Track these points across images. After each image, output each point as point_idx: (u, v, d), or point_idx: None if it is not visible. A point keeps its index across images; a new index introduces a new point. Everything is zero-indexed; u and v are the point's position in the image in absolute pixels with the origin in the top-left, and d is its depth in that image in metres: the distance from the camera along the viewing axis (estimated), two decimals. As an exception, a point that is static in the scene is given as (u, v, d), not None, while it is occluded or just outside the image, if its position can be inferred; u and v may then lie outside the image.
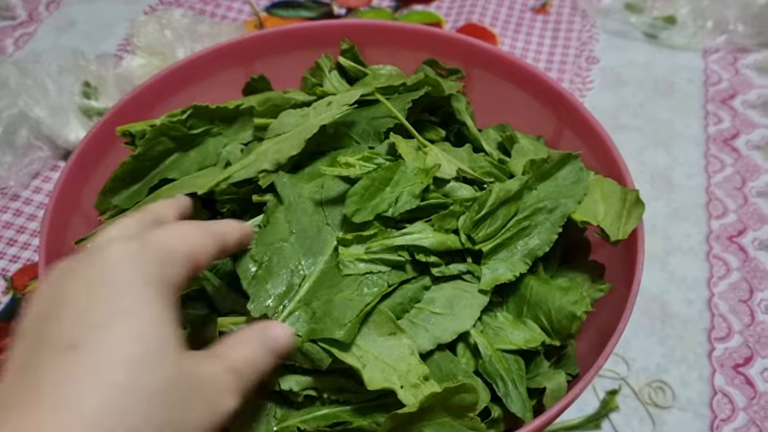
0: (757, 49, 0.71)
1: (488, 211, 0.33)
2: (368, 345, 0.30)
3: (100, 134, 0.39)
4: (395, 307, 0.30)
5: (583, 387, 0.28)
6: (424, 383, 0.29)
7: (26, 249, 0.55)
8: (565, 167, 0.36)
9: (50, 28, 0.75)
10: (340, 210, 0.32)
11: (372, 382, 0.29)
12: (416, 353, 0.30)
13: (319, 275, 0.31)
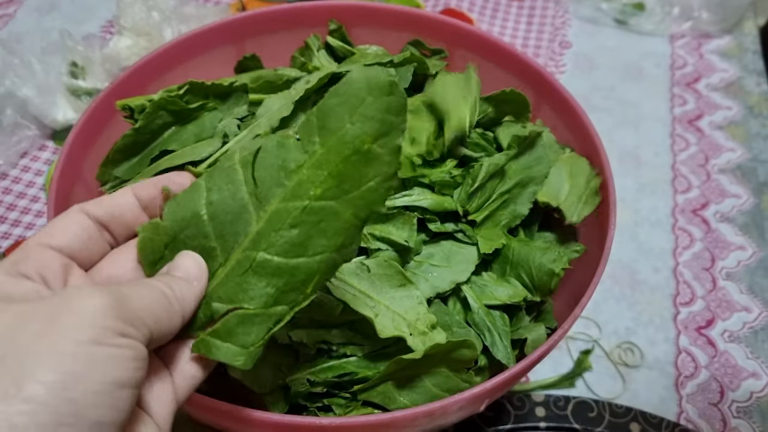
0: (720, 35, 0.74)
1: (479, 185, 0.35)
2: (380, 296, 0.32)
3: (100, 109, 0.41)
4: (398, 260, 0.32)
5: (561, 335, 0.31)
6: (431, 331, 0.32)
7: (17, 226, 0.56)
8: (534, 147, 0.38)
9: (31, 9, 0.76)
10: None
11: (384, 331, 0.31)
12: (424, 303, 0.32)
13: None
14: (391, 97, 0.24)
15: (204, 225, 0.26)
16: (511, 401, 0.44)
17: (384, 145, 0.24)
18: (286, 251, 0.25)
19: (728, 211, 0.58)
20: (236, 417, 0.28)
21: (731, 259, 0.55)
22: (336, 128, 0.25)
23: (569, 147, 0.42)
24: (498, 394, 0.33)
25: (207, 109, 0.41)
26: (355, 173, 0.25)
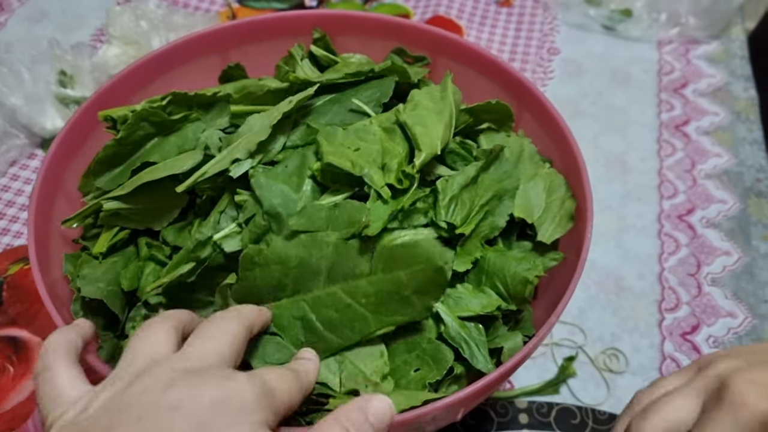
0: (708, 40, 0.75)
1: (453, 196, 0.35)
2: (349, 352, 0.33)
3: (82, 119, 0.41)
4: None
5: (536, 342, 0.31)
6: (382, 382, 0.32)
7: (5, 235, 0.56)
8: (500, 160, 0.39)
9: (22, 18, 0.76)
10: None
11: (344, 387, 0.32)
12: (385, 355, 0.33)
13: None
14: (438, 275, 0.32)
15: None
16: (494, 408, 0.44)
17: (419, 299, 0.32)
18: (323, 322, 0.33)
19: (714, 216, 0.59)
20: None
21: (717, 265, 0.55)
22: (395, 268, 0.32)
23: (550, 160, 0.42)
24: (474, 403, 0.33)
25: (190, 120, 0.42)
26: (391, 305, 0.32)
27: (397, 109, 0.39)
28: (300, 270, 0.32)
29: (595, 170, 0.62)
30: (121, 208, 0.38)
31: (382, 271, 0.32)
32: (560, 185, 0.40)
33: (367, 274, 0.32)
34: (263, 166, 0.36)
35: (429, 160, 0.36)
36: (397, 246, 0.32)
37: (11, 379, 0.48)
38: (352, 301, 0.32)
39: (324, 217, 0.33)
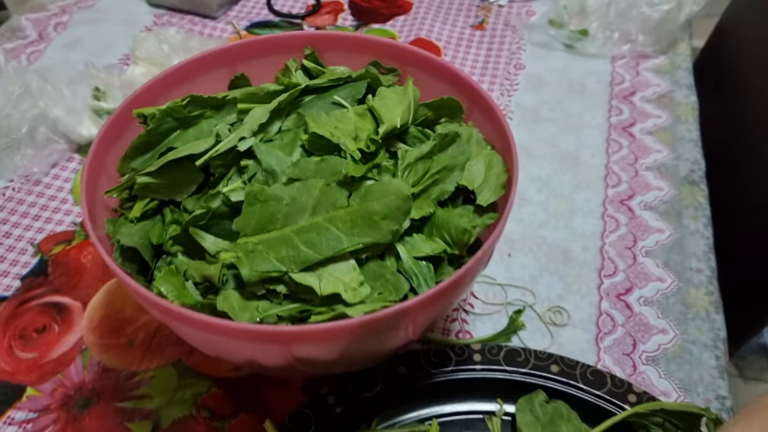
0: (656, 55, 0.85)
1: (409, 163, 0.46)
2: (325, 266, 0.43)
3: (119, 117, 0.51)
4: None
5: (467, 268, 0.40)
6: (359, 287, 0.42)
7: (49, 222, 0.67)
8: (456, 143, 0.49)
9: (59, 45, 0.88)
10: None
11: (324, 290, 0.42)
12: (357, 269, 0.43)
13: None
14: (403, 202, 0.41)
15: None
16: (453, 350, 0.54)
17: (386, 224, 0.41)
18: (304, 242, 0.42)
19: (651, 201, 0.68)
20: (220, 327, 0.38)
21: (651, 240, 0.65)
22: (369, 201, 0.42)
23: (492, 145, 0.52)
24: (421, 319, 0.43)
25: (205, 117, 0.52)
26: (363, 228, 0.41)
27: (367, 99, 0.49)
28: (290, 207, 0.42)
29: (551, 165, 0.72)
30: (151, 182, 0.48)
31: (358, 204, 0.41)
32: (498, 163, 0.50)
33: (345, 207, 0.42)
34: (263, 142, 0.47)
35: (392, 135, 0.46)
36: (372, 185, 0.42)
37: (56, 334, 0.58)
38: (331, 225, 0.41)
39: (312, 168, 0.43)
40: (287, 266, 0.42)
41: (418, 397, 0.52)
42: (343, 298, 0.41)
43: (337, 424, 0.50)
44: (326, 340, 0.39)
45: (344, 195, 0.43)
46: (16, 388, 0.55)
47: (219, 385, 0.55)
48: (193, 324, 0.39)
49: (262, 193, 0.44)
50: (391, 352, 0.47)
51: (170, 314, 0.39)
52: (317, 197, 0.43)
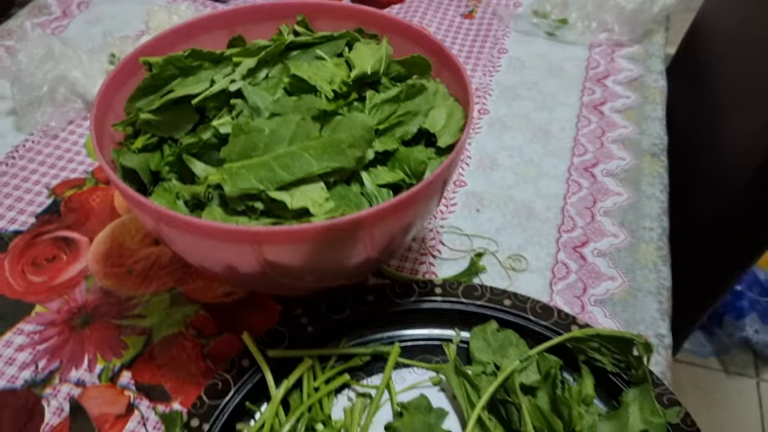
0: (631, 44, 0.91)
1: (375, 104, 0.52)
2: (297, 187, 0.49)
3: (128, 64, 0.58)
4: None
5: (423, 184, 0.46)
6: (325, 203, 0.48)
7: (63, 170, 0.74)
8: (422, 93, 0.55)
9: (80, 22, 0.96)
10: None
11: (294, 205, 0.48)
12: (324, 189, 0.49)
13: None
14: (366, 133, 0.49)
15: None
16: (417, 284, 0.59)
17: (351, 151, 0.48)
18: (280, 166, 0.48)
19: (613, 169, 0.74)
20: (199, 226, 0.44)
21: (609, 202, 0.70)
22: (337, 132, 0.49)
23: (456, 98, 0.58)
24: (378, 233, 0.48)
25: (204, 68, 0.59)
26: (332, 155, 0.48)
27: (344, 51, 0.56)
28: (270, 137, 0.49)
29: (524, 135, 0.78)
30: (152, 119, 0.55)
31: (328, 135, 0.48)
32: (458, 112, 0.56)
33: (317, 137, 0.48)
34: (251, 85, 0.54)
35: (364, 83, 0.53)
36: (341, 119, 0.49)
37: (64, 263, 0.65)
38: (304, 153, 0.48)
39: (291, 105, 0.50)
40: (264, 185, 0.48)
41: (383, 322, 0.58)
42: (310, 212, 0.47)
43: (309, 341, 0.56)
44: (292, 242, 0.45)
45: (317, 128, 0.50)
46: (26, 305, 0.61)
47: (207, 309, 0.61)
48: (178, 224, 0.45)
49: (246, 125, 0.50)
50: (356, 269, 0.53)
51: (161, 217, 0.45)
52: (294, 129, 0.50)
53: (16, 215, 0.69)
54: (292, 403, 0.53)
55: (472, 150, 0.77)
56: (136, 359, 0.57)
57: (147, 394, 0.55)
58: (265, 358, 0.54)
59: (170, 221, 0.45)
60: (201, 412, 0.51)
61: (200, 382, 0.56)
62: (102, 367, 0.57)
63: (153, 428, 0.53)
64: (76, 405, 0.54)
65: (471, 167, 0.74)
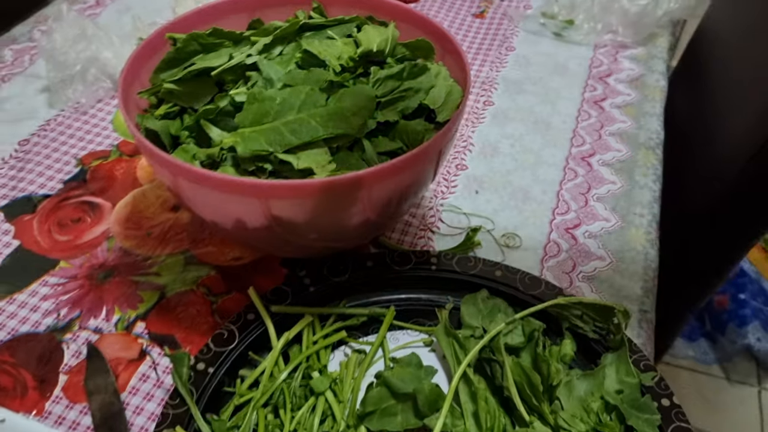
0: (634, 45, 0.95)
1: (379, 78, 0.56)
2: (302, 150, 0.53)
3: (154, 39, 0.63)
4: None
5: (415, 152, 0.50)
6: (328, 164, 0.52)
7: (91, 143, 0.79)
8: (424, 73, 0.59)
9: (112, 11, 1.02)
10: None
11: (300, 165, 0.52)
12: (329, 154, 0.53)
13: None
14: (369, 102, 0.54)
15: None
16: (414, 253, 0.63)
17: (354, 119, 0.53)
18: (288, 131, 0.52)
19: (609, 159, 0.77)
20: (211, 178, 0.49)
21: (603, 189, 0.74)
22: (342, 102, 0.53)
23: (456, 79, 0.62)
24: (376, 193, 0.52)
25: (224, 46, 0.64)
26: (336, 122, 0.52)
27: (353, 32, 0.60)
28: (281, 105, 0.53)
29: (525, 126, 0.82)
30: (174, 89, 0.60)
31: (334, 104, 0.52)
32: (457, 92, 0.60)
33: (324, 106, 0.53)
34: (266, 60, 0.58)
35: (370, 60, 0.57)
36: (346, 90, 0.53)
37: (88, 225, 0.70)
38: (311, 119, 0.52)
39: (302, 77, 0.54)
40: (273, 147, 0.53)
41: (380, 286, 0.62)
42: (314, 172, 0.51)
43: (310, 300, 0.60)
44: (295, 196, 0.49)
45: (324, 97, 0.54)
46: (51, 261, 0.66)
47: (217, 271, 0.65)
48: (195, 177, 0.49)
49: (260, 94, 0.55)
50: (357, 230, 0.57)
51: (180, 171, 0.50)
52: (303, 99, 0.54)
53: (45, 181, 0.74)
54: (291, 356, 0.57)
55: (475, 138, 0.80)
56: (150, 312, 0.62)
57: (159, 342, 0.59)
58: (268, 313, 0.58)
59: (188, 174, 0.50)
60: (207, 357, 0.55)
61: (208, 335, 0.60)
62: (118, 317, 0.61)
63: (162, 372, 0.57)
64: (93, 348, 0.58)
65: (473, 153, 0.78)
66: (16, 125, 0.81)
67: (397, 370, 0.54)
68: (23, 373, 0.57)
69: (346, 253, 0.64)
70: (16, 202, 0.72)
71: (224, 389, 0.55)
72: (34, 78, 0.88)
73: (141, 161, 0.77)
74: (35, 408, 0.55)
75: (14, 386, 0.56)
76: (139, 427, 0.53)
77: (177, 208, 0.71)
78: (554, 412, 0.51)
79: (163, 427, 0.51)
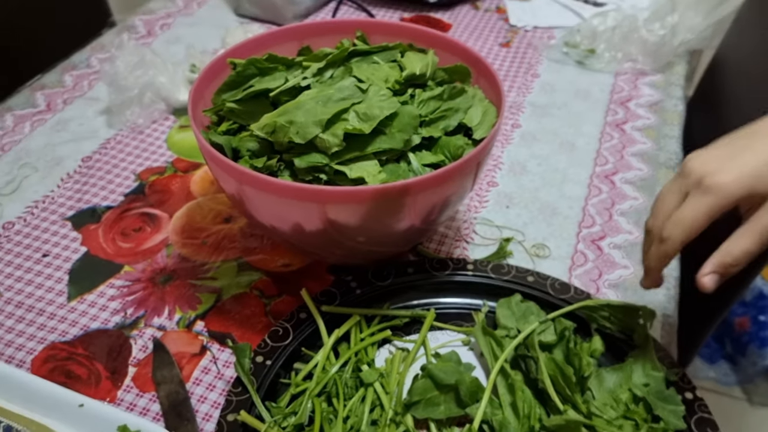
0: (653, 73, 1.00)
1: (422, 99, 0.62)
2: (356, 162, 0.59)
3: (217, 63, 0.70)
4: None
5: (458, 164, 0.56)
6: (378, 174, 0.58)
7: (147, 160, 0.86)
8: (462, 95, 0.65)
9: (162, 41, 1.09)
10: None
11: (353, 175, 0.58)
12: (378, 164, 0.59)
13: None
14: (413, 120, 0.59)
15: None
16: (451, 260, 0.68)
17: (399, 135, 0.58)
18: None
19: (632, 177, 0.82)
20: (272, 184, 0.54)
21: (626, 204, 0.79)
22: (389, 121, 0.58)
23: (490, 101, 0.68)
24: (422, 200, 0.57)
25: (278, 70, 0.70)
26: (383, 138, 0.58)
27: (397, 58, 0.66)
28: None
29: (551, 147, 0.88)
30: (235, 108, 0.66)
31: (379, 124, 0.58)
32: (492, 112, 0.65)
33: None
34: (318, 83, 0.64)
35: (414, 84, 0.63)
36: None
37: (148, 233, 0.76)
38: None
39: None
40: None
41: (421, 291, 0.67)
42: (366, 181, 0.57)
43: (357, 303, 0.65)
44: (350, 201, 0.55)
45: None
46: (116, 265, 0.72)
47: (269, 276, 0.71)
48: (259, 184, 0.55)
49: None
50: (402, 236, 0.62)
51: (244, 177, 0.56)
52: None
53: (107, 194, 0.80)
54: (341, 351, 0.62)
55: (505, 157, 0.86)
56: (209, 312, 0.67)
57: (217, 339, 0.65)
58: (319, 312, 0.63)
59: (253, 181, 0.56)
60: (264, 351, 0.60)
61: (263, 333, 0.65)
62: (179, 316, 0.67)
63: (222, 366, 0.62)
64: (158, 343, 0.64)
65: (503, 171, 0.84)
66: (79, 143, 0.87)
67: (440, 364, 0.58)
68: (96, 365, 0.62)
69: (389, 260, 0.69)
70: (82, 213, 0.78)
71: (280, 381, 0.60)
72: (93, 101, 0.95)
73: (194, 176, 0.83)
74: (108, 396, 0.60)
75: (89, 376, 0.61)
76: (204, 413, 0.58)
77: (229, 220, 0.77)
78: (586, 402, 0.55)
79: (228, 412, 0.56)
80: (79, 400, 0.56)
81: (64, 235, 0.75)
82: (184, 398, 0.59)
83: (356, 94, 0.60)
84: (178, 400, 0.59)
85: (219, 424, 0.55)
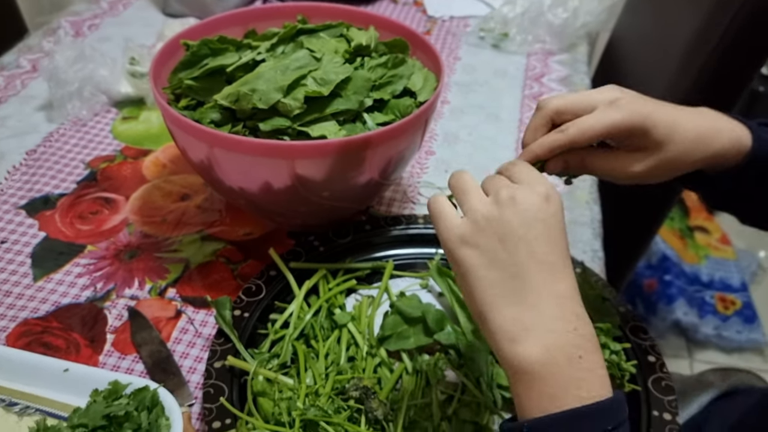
0: (560, 52, 1.11)
1: (371, 66, 0.68)
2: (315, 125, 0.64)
3: (171, 45, 0.73)
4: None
5: (409, 119, 0.62)
6: (339, 132, 0.63)
7: (95, 150, 0.87)
8: (404, 64, 0.72)
9: (93, 40, 1.10)
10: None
11: (315, 133, 0.63)
12: (337, 124, 0.64)
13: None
14: (366, 83, 0.65)
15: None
16: (405, 217, 0.75)
17: (355, 96, 0.64)
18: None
19: (552, 140, 0.92)
20: (242, 142, 0.59)
21: (550, 163, 0.88)
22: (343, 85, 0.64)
23: (428, 69, 0.75)
24: (380, 153, 0.63)
25: (228, 50, 0.74)
26: (339, 99, 0.64)
27: (342, 33, 0.72)
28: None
29: (479, 119, 0.96)
30: (193, 85, 0.70)
31: (335, 87, 0.63)
32: (431, 78, 0.72)
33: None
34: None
35: (359, 52, 0.69)
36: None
37: (106, 215, 0.77)
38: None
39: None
40: (291, 123, 0.64)
41: (378, 245, 0.73)
42: (328, 138, 0.62)
43: (321, 259, 0.70)
44: (318, 155, 0.60)
45: None
46: (78, 246, 0.73)
47: (232, 244, 0.74)
48: (231, 144, 0.59)
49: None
50: (362, 190, 0.68)
51: (216, 139, 0.60)
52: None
53: (59, 183, 0.81)
54: (311, 302, 0.66)
55: (438, 129, 0.93)
56: (179, 280, 0.70)
57: (191, 303, 0.68)
58: (288, 269, 0.67)
59: (224, 142, 0.60)
60: (241, 306, 0.64)
61: (235, 294, 0.68)
62: (150, 286, 0.69)
63: (200, 325, 0.66)
64: (134, 310, 0.66)
65: (438, 141, 0.91)
66: (20, 138, 0.88)
67: (405, 301, 0.64)
68: (73, 335, 0.64)
69: (347, 221, 0.74)
70: (35, 201, 0.78)
71: (258, 332, 0.64)
72: (29, 98, 0.95)
73: (145, 162, 0.85)
74: (90, 362, 0.62)
75: (67, 346, 0.63)
76: (188, 367, 0.62)
77: (185, 198, 0.80)
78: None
79: (214, 361, 0.59)
80: (63, 365, 0.58)
81: (20, 223, 0.75)
82: (167, 355, 0.62)
83: (311, 62, 0.66)
84: (161, 357, 0.62)
85: (207, 372, 0.58)
